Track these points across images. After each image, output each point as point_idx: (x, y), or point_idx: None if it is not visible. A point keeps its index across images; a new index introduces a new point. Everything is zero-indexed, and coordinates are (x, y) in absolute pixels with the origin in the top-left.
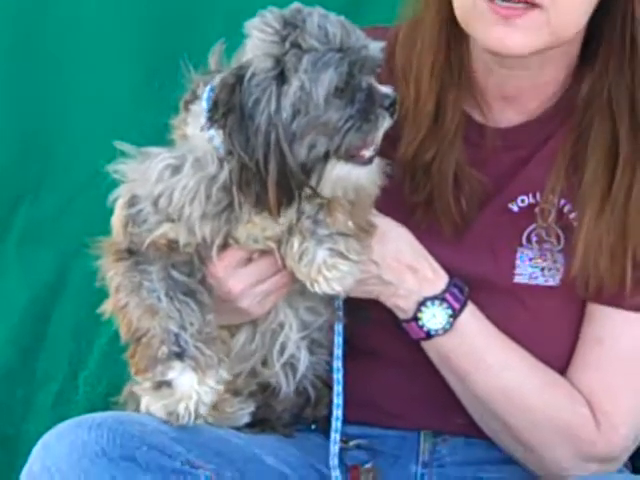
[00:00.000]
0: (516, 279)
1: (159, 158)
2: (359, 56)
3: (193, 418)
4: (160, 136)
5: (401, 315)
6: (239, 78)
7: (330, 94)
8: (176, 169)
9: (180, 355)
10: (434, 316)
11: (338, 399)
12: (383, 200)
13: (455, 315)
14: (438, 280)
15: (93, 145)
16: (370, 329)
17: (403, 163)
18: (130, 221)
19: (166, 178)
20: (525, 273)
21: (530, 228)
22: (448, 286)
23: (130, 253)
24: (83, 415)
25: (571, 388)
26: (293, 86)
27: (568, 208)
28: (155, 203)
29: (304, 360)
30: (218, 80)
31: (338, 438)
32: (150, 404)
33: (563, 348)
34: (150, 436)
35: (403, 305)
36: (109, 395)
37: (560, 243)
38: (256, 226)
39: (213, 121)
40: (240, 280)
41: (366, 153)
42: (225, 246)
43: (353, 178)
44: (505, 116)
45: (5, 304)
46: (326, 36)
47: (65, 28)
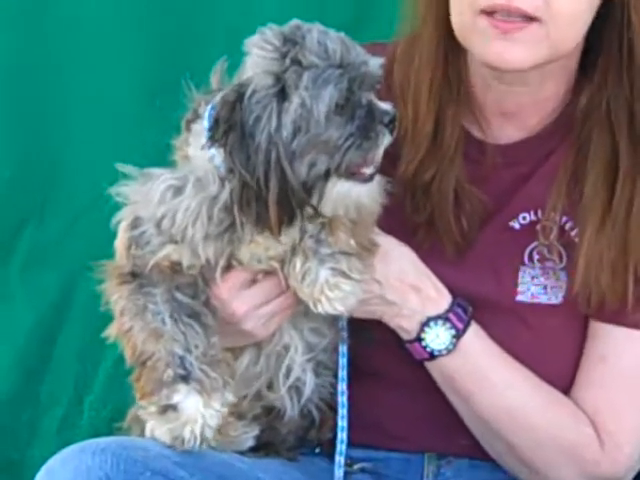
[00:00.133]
0: (518, 297)
1: (161, 179)
2: (359, 72)
3: (199, 442)
4: (163, 156)
5: (404, 335)
6: (240, 96)
7: (331, 111)
8: (178, 190)
9: (185, 378)
10: (437, 336)
11: (343, 422)
12: (386, 220)
13: (459, 335)
14: (441, 300)
15: (96, 167)
16: (373, 350)
17: (403, 182)
18: (133, 243)
19: (168, 199)
20: (527, 291)
21: (532, 246)
22: (451, 306)
23: (134, 276)
24: (87, 440)
25: (575, 407)
26: (294, 103)
27: (570, 225)
28: (158, 225)
29: (310, 383)
30: (219, 98)
31: (343, 462)
32: (155, 428)
33: (566, 367)
34: (153, 461)
35: (406, 325)
36: (113, 420)
37: (562, 261)
38: (259, 246)
39: (214, 139)
40: (244, 302)
41: (367, 171)
42: (229, 267)
43: (354, 196)
44: (504, 132)
45: (10, 327)
46: (326, 52)
47: (67, 47)
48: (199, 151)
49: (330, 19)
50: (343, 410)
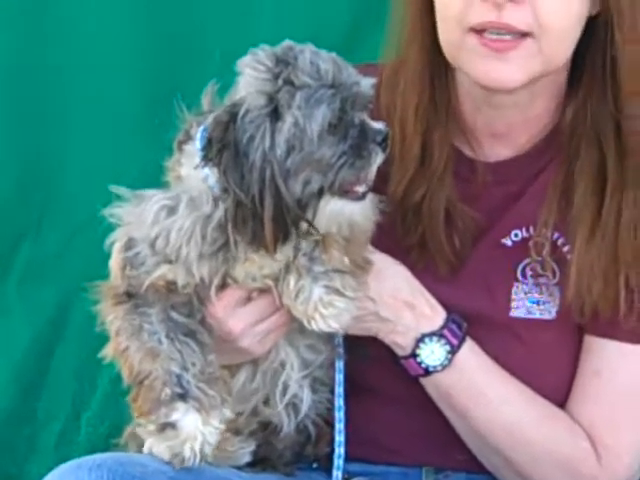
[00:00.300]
0: (512, 313)
1: (154, 200)
2: (351, 92)
3: (198, 459)
4: (160, 174)
5: (399, 352)
6: (233, 116)
7: (324, 130)
8: (171, 210)
9: (183, 396)
10: (432, 352)
11: (340, 436)
12: (380, 239)
13: (453, 351)
14: (436, 316)
15: (94, 184)
16: (369, 366)
17: (394, 204)
18: (128, 264)
19: (162, 219)
20: (521, 307)
21: (524, 262)
22: (446, 322)
23: (129, 296)
24: (84, 456)
25: (571, 422)
26: (287, 123)
27: (561, 241)
28: (152, 245)
29: (307, 399)
30: (211, 118)
31: (340, 476)
32: (154, 446)
33: (561, 381)
34: (151, 477)
35: (401, 342)
36: (111, 436)
37: (555, 276)
38: (253, 264)
39: (207, 159)
40: (240, 319)
41: (359, 189)
42: (224, 286)
43: (347, 214)
44: (494, 151)
45: (7, 343)
46: (318, 72)
47: (66, 66)
48: (192, 171)
49: (323, 40)
50: (340, 425)
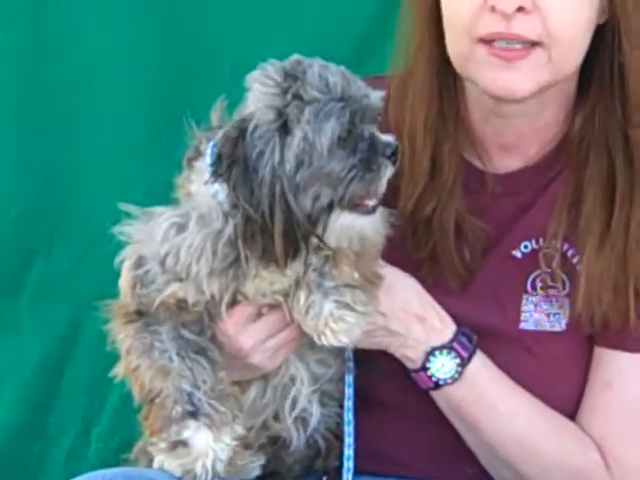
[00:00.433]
0: (522, 326)
1: (163, 217)
2: (360, 105)
3: (210, 476)
4: (170, 191)
5: (410, 365)
6: (242, 131)
7: (333, 144)
8: (181, 227)
9: (194, 414)
10: (443, 366)
11: (349, 450)
12: (390, 253)
13: (464, 364)
14: (446, 329)
15: (104, 201)
16: (379, 380)
17: (404, 218)
18: (138, 282)
19: (171, 237)
20: (531, 319)
21: (534, 274)
22: (456, 335)
23: (139, 314)
24: (94, 471)
25: (581, 433)
26: (296, 137)
27: (571, 252)
28: (162, 263)
29: (316, 413)
30: (221, 134)
31: None
32: (165, 462)
33: (572, 393)
34: None
35: (412, 355)
36: (121, 452)
37: (565, 288)
38: (264, 280)
39: (217, 175)
40: (250, 336)
41: (370, 203)
42: (234, 302)
43: (357, 228)
44: (504, 163)
45: (18, 360)
46: (327, 86)
47: (75, 87)
48: (202, 188)
49: (332, 54)
50: (350, 439)
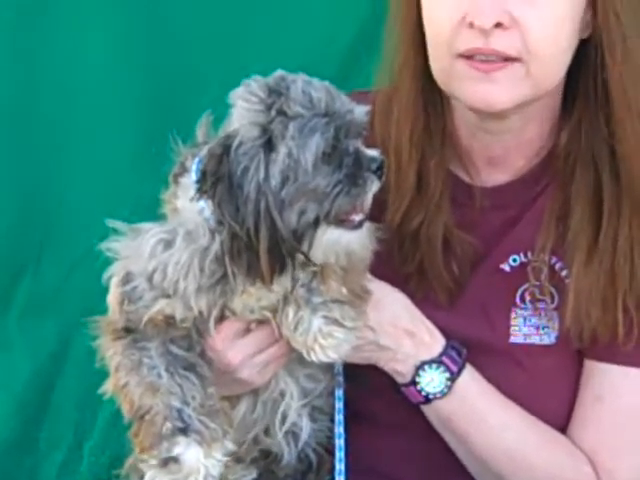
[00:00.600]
0: (512, 339)
1: (150, 233)
2: (344, 120)
3: None
4: (156, 206)
5: (399, 379)
6: (226, 148)
7: (318, 159)
8: (168, 243)
9: (184, 430)
10: (432, 380)
11: (340, 465)
12: (378, 267)
13: (453, 378)
14: (435, 344)
15: (93, 216)
16: (369, 394)
17: (391, 232)
18: (126, 299)
19: (159, 253)
20: (520, 333)
21: (523, 287)
22: (445, 349)
23: (128, 331)
24: None
25: (573, 446)
26: (281, 153)
27: (559, 265)
28: (149, 279)
29: (306, 428)
30: (205, 150)
31: None
32: (156, 478)
33: (562, 406)
34: None
35: (401, 369)
36: (113, 467)
37: (554, 301)
38: (251, 296)
39: (202, 192)
40: (239, 351)
41: (356, 218)
42: (222, 318)
43: (344, 243)
44: (491, 176)
45: (9, 375)
46: (311, 102)
47: (63, 101)
48: (188, 204)
49: (318, 69)
50: (340, 453)
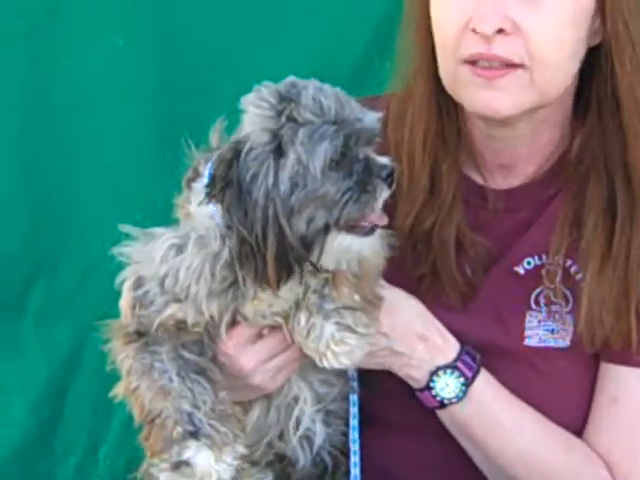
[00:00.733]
0: (526, 342)
1: (163, 238)
2: (354, 128)
3: None
4: (169, 211)
5: (414, 384)
6: (236, 153)
7: (326, 166)
8: (180, 248)
9: (195, 434)
10: (447, 385)
11: (355, 470)
12: (390, 272)
13: (468, 383)
14: (449, 348)
15: (105, 222)
16: (384, 398)
17: (403, 235)
18: (137, 303)
19: (170, 258)
20: (535, 336)
21: (538, 290)
22: (460, 354)
23: (139, 335)
24: None
25: (588, 450)
26: (290, 159)
27: (574, 269)
28: (161, 284)
29: (320, 433)
30: (216, 155)
31: None
32: None
33: (577, 409)
34: None
35: (415, 375)
36: (128, 470)
37: (568, 304)
38: (263, 302)
39: (211, 196)
40: (251, 357)
41: (366, 224)
42: (234, 323)
43: (355, 249)
44: (504, 180)
45: (24, 380)
46: (321, 109)
47: (77, 108)
48: (200, 208)
49: (333, 74)
50: (355, 458)
